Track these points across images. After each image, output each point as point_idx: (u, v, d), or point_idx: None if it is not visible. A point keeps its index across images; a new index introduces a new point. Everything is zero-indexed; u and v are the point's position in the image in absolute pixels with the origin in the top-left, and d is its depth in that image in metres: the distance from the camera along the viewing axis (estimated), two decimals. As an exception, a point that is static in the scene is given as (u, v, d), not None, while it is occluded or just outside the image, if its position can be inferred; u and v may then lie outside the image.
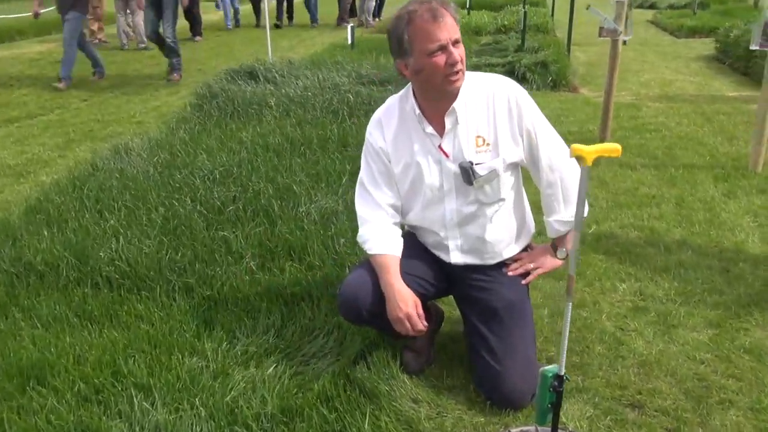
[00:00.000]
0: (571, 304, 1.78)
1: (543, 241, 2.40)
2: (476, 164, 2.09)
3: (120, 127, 5.99)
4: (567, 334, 1.82)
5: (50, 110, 6.69)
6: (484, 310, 2.20)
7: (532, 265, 2.28)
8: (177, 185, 3.58)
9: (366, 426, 1.96)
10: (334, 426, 1.98)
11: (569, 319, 1.79)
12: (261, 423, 1.99)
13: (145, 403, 2.02)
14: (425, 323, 2.12)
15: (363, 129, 4.57)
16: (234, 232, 3.10)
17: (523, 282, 2.27)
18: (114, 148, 4.48)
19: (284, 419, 2.01)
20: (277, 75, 5.85)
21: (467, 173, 2.09)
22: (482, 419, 2.10)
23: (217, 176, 3.69)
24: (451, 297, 2.45)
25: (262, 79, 5.86)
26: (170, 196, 3.45)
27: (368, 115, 5.05)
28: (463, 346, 2.38)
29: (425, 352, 2.34)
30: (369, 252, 2.19)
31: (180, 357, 2.29)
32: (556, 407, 1.85)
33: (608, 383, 2.26)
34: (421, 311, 2.11)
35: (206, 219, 3.24)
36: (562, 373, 1.81)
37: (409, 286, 2.12)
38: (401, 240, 2.22)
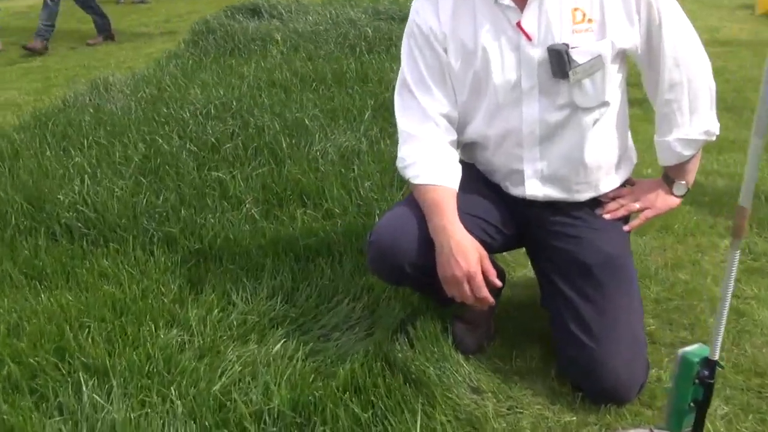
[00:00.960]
0: (738, 252, 1.18)
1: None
2: (573, 48, 1.46)
3: (108, 72, 5.36)
4: (729, 296, 1.23)
5: (33, 58, 6.12)
6: (572, 268, 1.60)
7: (637, 205, 1.67)
8: (162, 120, 2.96)
9: (418, 430, 1.34)
10: (371, 429, 1.37)
11: (734, 274, 1.19)
12: (263, 424, 1.38)
13: (97, 395, 1.42)
14: (498, 282, 1.50)
15: (384, 63, 3.96)
16: (231, 173, 2.50)
17: (626, 228, 1.67)
18: (91, 83, 3.84)
19: (297, 419, 1.40)
20: (283, 11, 5.19)
21: (561, 59, 1.46)
22: (573, 418, 1.53)
23: (212, 111, 3.06)
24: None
25: (266, 16, 5.20)
26: (154, 131, 2.84)
27: (390, 50, 4.43)
28: (534, 315, 1.82)
29: (484, 323, 1.76)
30: (413, 182, 1.56)
31: (153, 328, 1.70)
32: (702, 407, 1.25)
33: (738, 368, 1.68)
34: (490, 267, 1.49)
35: (196, 158, 2.64)
36: (716, 358, 1.22)
37: (469, 232, 1.50)
38: (459, 167, 1.59)
